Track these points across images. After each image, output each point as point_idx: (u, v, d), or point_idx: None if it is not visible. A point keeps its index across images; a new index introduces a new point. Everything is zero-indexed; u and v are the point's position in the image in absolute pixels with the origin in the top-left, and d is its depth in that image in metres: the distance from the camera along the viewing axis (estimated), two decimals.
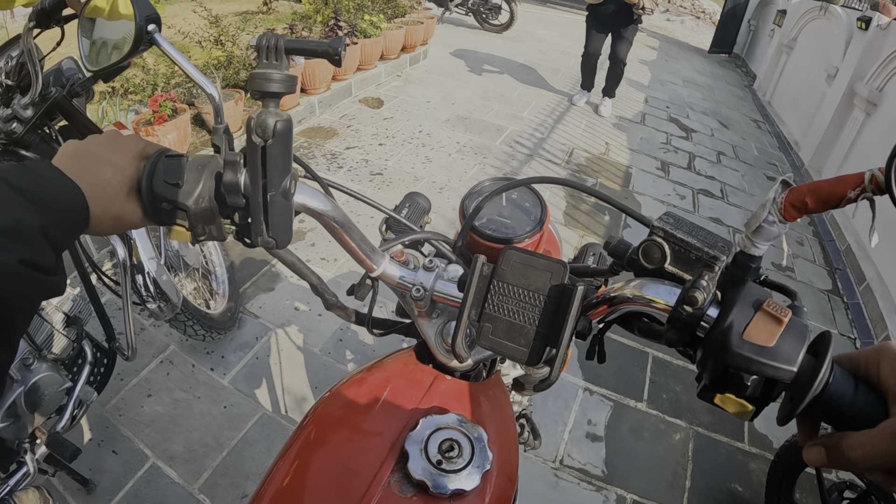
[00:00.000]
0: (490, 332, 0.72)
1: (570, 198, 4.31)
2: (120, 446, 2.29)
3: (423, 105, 5.73)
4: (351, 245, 0.81)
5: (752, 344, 0.56)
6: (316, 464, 0.80)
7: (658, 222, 0.69)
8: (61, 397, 1.89)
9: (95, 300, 1.98)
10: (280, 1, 7.64)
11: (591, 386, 2.69)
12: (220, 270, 2.79)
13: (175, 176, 0.67)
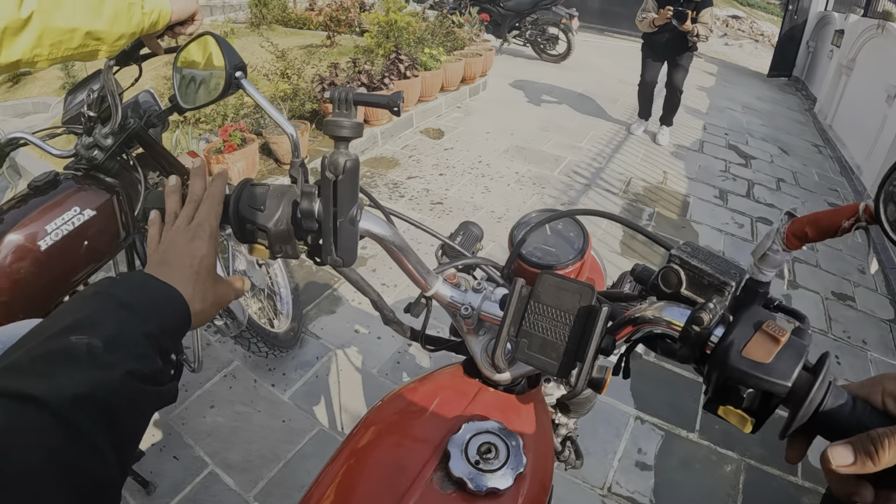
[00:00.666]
0: (526, 346, 0.79)
1: (628, 228, 4.30)
2: (181, 452, 2.41)
3: (482, 136, 5.82)
4: (408, 267, 0.90)
5: (750, 360, 0.61)
6: (367, 461, 0.88)
7: (675, 251, 0.76)
8: None
9: None
10: (343, 35, 7.88)
11: (642, 415, 2.66)
12: (285, 292, 2.90)
13: (258, 202, 0.78)
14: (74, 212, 1.74)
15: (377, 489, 0.82)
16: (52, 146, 1.91)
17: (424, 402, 0.94)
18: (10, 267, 1.63)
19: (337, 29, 7.85)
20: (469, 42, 7.10)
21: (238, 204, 0.79)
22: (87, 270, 1.84)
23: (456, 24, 7.15)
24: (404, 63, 5.50)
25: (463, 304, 0.93)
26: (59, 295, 1.80)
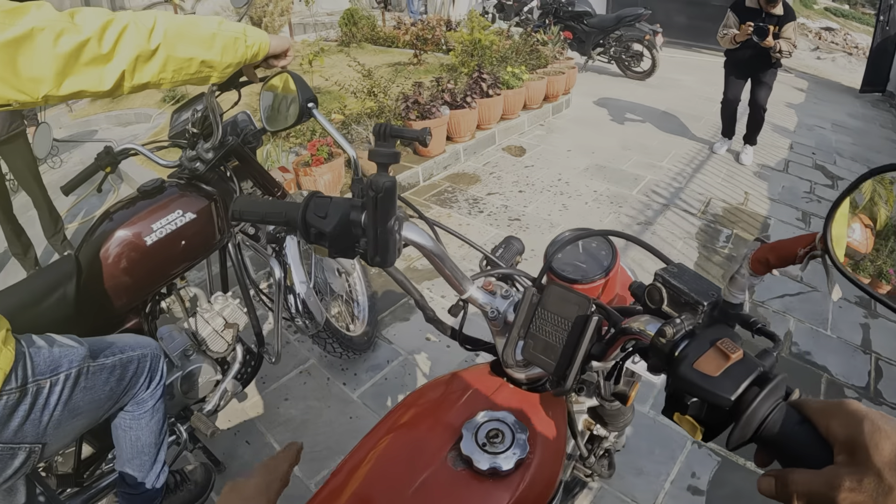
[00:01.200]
0: (531, 347, 0.93)
1: (704, 249, 4.30)
2: (253, 439, 2.64)
3: (563, 154, 5.89)
4: (445, 272, 1.04)
5: (699, 372, 0.68)
6: (393, 441, 1.02)
7: (661, 270, 0.86)
8: (211, 386, 2.25)
9: (251, 311, 2.35)
10: (430, 53, 8.10)
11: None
12: (363, 299, 3.11)
13: (321, 211, 0.93)
14: (177, 214, 1.97)
15: (400, 463, 0.96)
16: (159, 157, 2.17)
17: (451, 393, 1.08)
18: (120, 257, 1.88)
19: (423, 47, 8.07)
20: (552, 60, 7.18)
21: (306, 212, 0.94)
22: (183, 266, 2.09)
23: (540, 43, 7.24)
24: (486, 81, 5.65)
25: (491, 308, 1.05)
26: (157, 285, 2.06)
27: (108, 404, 1.61)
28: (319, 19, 12.29)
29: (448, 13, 11.19)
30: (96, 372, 1.53)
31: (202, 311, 2.23)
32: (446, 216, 4.39)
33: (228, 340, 2.27)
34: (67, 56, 1.15)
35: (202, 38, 1.40)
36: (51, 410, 1.40)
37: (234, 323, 2.27)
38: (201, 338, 2.20)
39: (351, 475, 1.00)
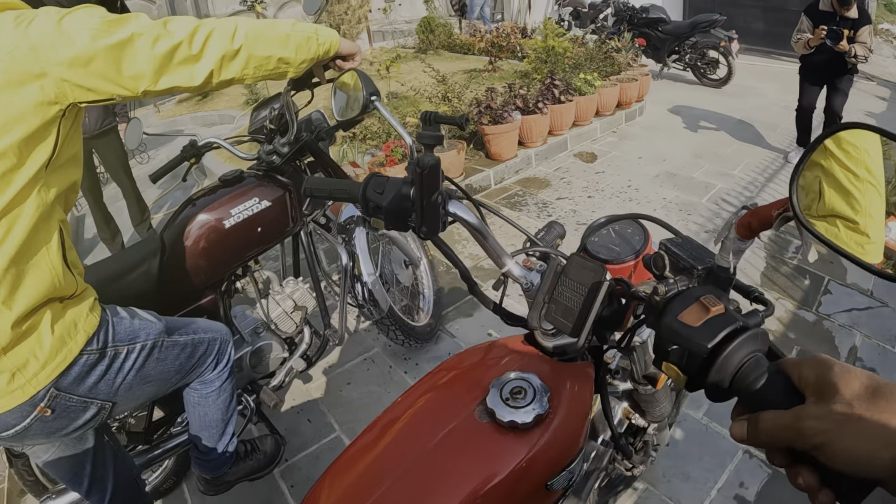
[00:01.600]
0: (553, 311, 1.03)
1: (772, 259, 4.23)
2: (315, 417, 2.81)
3: (634, 161, 5.88)
4: (487, 246, 1.15)
5: (681, 322, 0.75)
6: (427, 399, 1.14)
7: (665, 241, 0.97)
8: (278, 363, 2.42)
9: (320, 296, 2.51)
10: (504, 60, 8.19)
11: (752, 449, 2.56)
12: (429, 293, 3.25)
13: (379, 188, 1.06)
14: (254, 201, 2.14)
15: (430, 417, 1.08)
16: (239, 151, 2.35)
17: (486, 357, 1.19)
18: (200, 238, 2.06)
19: (498, 54, 8.18)
20: (626, 67, 7.17)
21: (366, 189, 1.07)
22: (257, 250, 2.25)
23: (614, 49, 7.25)
24: (558, 88, 5.71)
25: (527, 281, 1.15)
26: (233, 266, 2.23)
27: (176, 378, 1.76)
28: (398, 27, 12.56)
29: (524, 21, 11.27)
30: (169, 347, 1.68)
31: (274, 294, 2.40)
32: (515, 218, 4.47)
33: (296, 322, 2.43)
34: (163, 57, 1.34)
35: (278, 38, 1.56)
36: (124, 374, 1.54)
37: (302, 306, 2.43)
38: (271, 317, 2.37)
39: (384, 428, 1.13)
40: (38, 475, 2.29)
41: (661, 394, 1.50)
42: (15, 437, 1.41)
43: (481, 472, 0.98)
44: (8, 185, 1.22)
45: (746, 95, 8.48)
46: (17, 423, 1.38)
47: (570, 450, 1.09)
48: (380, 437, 1.13)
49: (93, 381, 1.47)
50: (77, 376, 1.43)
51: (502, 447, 1.00)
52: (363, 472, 1.07)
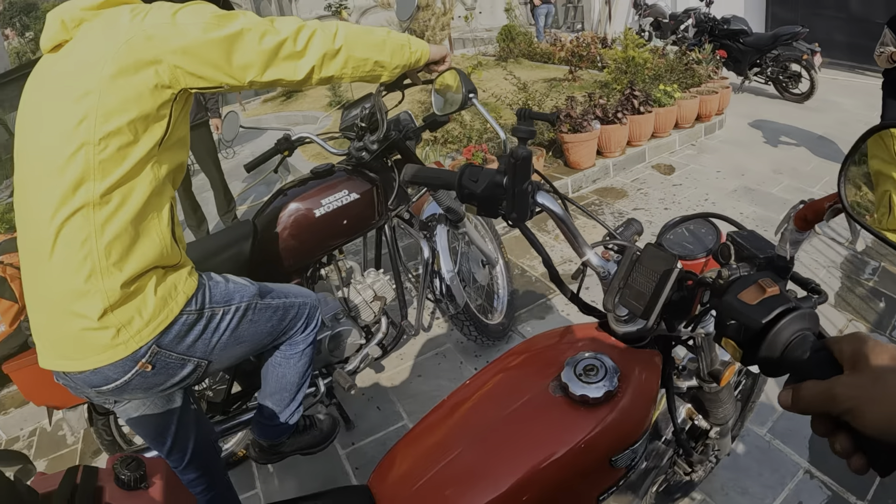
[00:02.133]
0: (627, 294, 1.11)
1: (848, 280, 4.13)
2: (384, 405, 2.93)
3: (712, 174, 5.79)
4: (569, 236, 1.23)
5: (740, 301, 0.84)
6: (504, 373, 1.25)
7: (732, 232, 1.04)
8: (354, 349, 2.53)
9: (399, 288, 2.63)
10: (584, 70, 8.19)
11: (813, 469, 2.50)
12: (503, 293, 3.33)
13: (474, 177, 1.18)
14: (343, 193, 2.27)
15: (505, 390, 1.18)
16: (329, 146, 2.49)
17: (561, 339, 1.28)
18: (291, 225, 2.21)
19: (578, 64, 8.18)
20: (706, 79, 7.07)
21: (462, 177, 1.18)
22: (343, 239, 2.38)
23: (695, 61, 7.17)
24: (638, 99, 5.69)
25: (604, 270, 1.23)
26: (319, 253, 2.36)
27: (268, 339, 1.86)
28: (478, 34, 12.72)
29: (604, 31, 11.23)
30: (262, 309, 1.78)
31: (355, 283, 2.52)
32: (592, 227, 4.51)
33: (375, 311, 2.54)
34: (269, 51, 1.47)
35: (375, 42, 1.68)
36: (220, 334, 1.65)
37: (382, 296, 2.54)
38: (352, 305, 2.49)
39: (459, 401, 1.24)
40: (115, 435, 2.47)
41: (724, 394, 1.54)
42: (115, 390, 1.51)
43: (552, 442, 1.07)
44: (125, 159, 1.35)
45: (828, 111, 8.21)
46: (119, 377, 1.48)
47: (635, 430, 1.16)
48: (455, 408, 1.24)
49: (191, 340, 1.58)
50: (177, 335, 1.53)
51: (573, 420, 1.08)
52: (438, 438, 1.18)
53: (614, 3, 11.97)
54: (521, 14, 12.22)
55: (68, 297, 1.38)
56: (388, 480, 1.18)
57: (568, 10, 13.34)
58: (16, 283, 1.96)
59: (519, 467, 1.06)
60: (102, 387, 1.50)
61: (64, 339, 1.45)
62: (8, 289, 1.95)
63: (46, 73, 1.42)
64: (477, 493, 1.05)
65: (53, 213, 1.33)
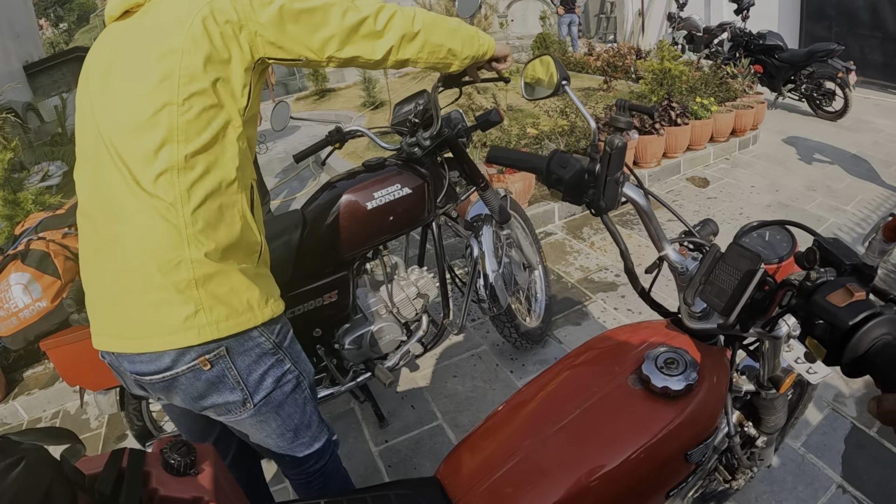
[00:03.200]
0: (708, 291, 1.12)
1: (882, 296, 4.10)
2: (418, 404, 2.94)
3: (746, 189, 5.76)
4: (650, 228, 1.28)
5: (829, 302, 0.90)
6: (579, 367, 1.28)
7: (818, 238, 1.07)
8: (394, 345, 2.54)
9: (443, 286, 2.63)
10: (619, 80, 8.17)
11: (846, 485, 2.50)
12: (542, 296, 3.35)
13: (563, 163, 1.23)
14: (396, 188, 2.27)
15: (584, 382, 1.20)
16: (380, 140, 2.49)
17: (635, 334, 1.29)
18: (342, 216, 2.21)
19: (613, 74, 8.17)
20: (741, 94, 7.03)
21: (550, 162, 1.23)
22: (392, 234, 2.38)
23: (730, 75, 7.13)
24: (675, 110, 5.67)
25: (682, 266, 1.26)
26: (367, 246, 2.36)
27: (283, 440, 1.64)
28: (510, 41, 12.72)
29: (637, 42, 11.21)
30: (306, 393, 1.63)
31: (399, 279, 2.52)
32: (626, 236, 4.49)
33: (417, 308, 2.55)
34: (350, 28, 1.46)
35: (449, 30, 1.68)
36: (276, 386, 1.51)
37: (425, 293, 2.55)
38: (395, 301, 2.49)
39: (535, 392, 1.25)
40: (146, 421, 2.49)
41: (780, 402, 1.54)
42: (162, 383, 1.39)
43: (634, 433, 1.08)
44: (209, 123, 1.30)
45: (862, 130, 8.12)
46: (175, 367, 1.36)
47: (709, 424, 1.18)
48: (527, 402, 1.25)
49: (256, 370, 1.45)
50: (246, 350, 1.42)
51: (654, 412, 1.10)
52: (513, 432, 1.18)
53: (647, 15, 11.97)
54: (555, 23, 12.21)
55: (148, 266, 1.29)
56: (461, 473, 1.18)
57: (600, 21, 13.32)
58: (59, 259, 1.94)
59: (601, 459, 1.07)
60: (152, 376, 1.38)
61: (130, 315, 1.34)
62: (51, 264, 1.93)
63: (118, 37, 1.37)
64: (560, 485, 1.06)
65: (134, 178, 1.27)
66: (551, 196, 1.36)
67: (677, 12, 10.73)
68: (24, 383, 4.03)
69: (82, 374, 2.05)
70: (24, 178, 5.02)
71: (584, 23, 12.36)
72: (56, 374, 3.97)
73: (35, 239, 2.06)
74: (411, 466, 2.62)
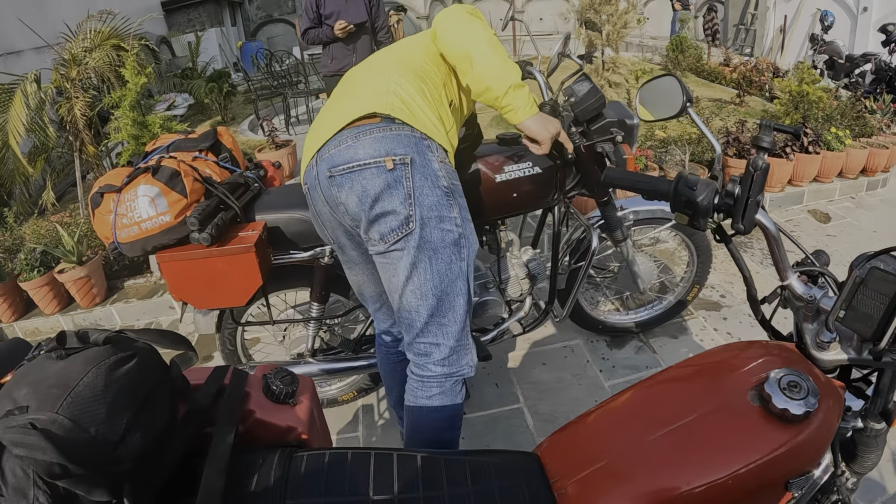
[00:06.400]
0: (850, 318, 1.09)
1: None
2: (502, 383, 2.95)
3: (868, 233, 5.43)
4: (776, 255, 1.26)
5: None
6: (699, 373, 1.26)
7: None
8: (494, 321, 2.52)
9: (553, 270, 2.59)
10: (754, 96, 7.84)
11: None
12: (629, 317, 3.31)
13: (691, 185, 1.19)
14: (527, 165, 2.23)
15: (701, 389, 1.19)
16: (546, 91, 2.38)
17: (760, 352, 1.24)
18: (470, 185, 2.17)
19: (748, 89, 7.83)
20: (877, 132, 6.62)
21: (679, 185, 1.19)
22: (513, 211, 2.35)
23: (868, 110, 6.74)
24: (808, 136, 5.42)
25: (808, 295, 1.23)
26: (490, 218, 2.35)
27: (430, 295, 1.73)
28: (643, 41, 12.43)
29: (775, 59, 10.74)
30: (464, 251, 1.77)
31: (511, 256, 2.49)
32: (720, 261, 4.38)
33: (524, 289, 2.52)
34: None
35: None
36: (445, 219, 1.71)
37: (534, 275, 2.51)
38: (502, 277, 2.47)
39: (648, 391, 1.25)
40: (237, 347, 2.59)
41: (881, 439, 1.45)
42: (348, 172, 1.61)
43: (742, 449, 1.06)
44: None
45: None
46: (363, 158, 1.60)
47: (817, 455, 1.16)
48: (642, 397, 1.25)
49: (427, 194, 1.64)
50: (426, 174, 1.64)
51: (767, 432, 1.07)
52: (623, 423, 1.19)
53: (789, 33, 11.43)
54: (692, 27, 11.85)
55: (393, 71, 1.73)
56: (564, 455, 1.19)
57: (738, 32, 12.80)
58: (188, 179, 2.03)
59: (707, 468, 1.05)
60: (342, 166, 1.61)
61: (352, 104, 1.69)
62: (180, 182, 2.02)
63: None
64: (659, 486, 1.05)
65: None
66: (677, 219, 1.29)
67: (821, 35, 10.25)
68: (123, 291, 4.24)
69: (190, 290, 2.12)
70: (152, 104, 5.23)
71: (723, 31, 11.90)
72: (155, 288, 4.16)
73: (167, 157, 2.12)
74: (482, 443, 2.62)
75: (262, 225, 2.11)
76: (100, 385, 0.86)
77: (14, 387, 0.85)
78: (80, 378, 0.85)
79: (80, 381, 0.85)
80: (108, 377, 0.88)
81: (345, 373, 2.52)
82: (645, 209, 2.71)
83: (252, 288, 2.08)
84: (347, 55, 4.80)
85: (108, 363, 0.89)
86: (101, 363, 0.88)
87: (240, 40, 12.93)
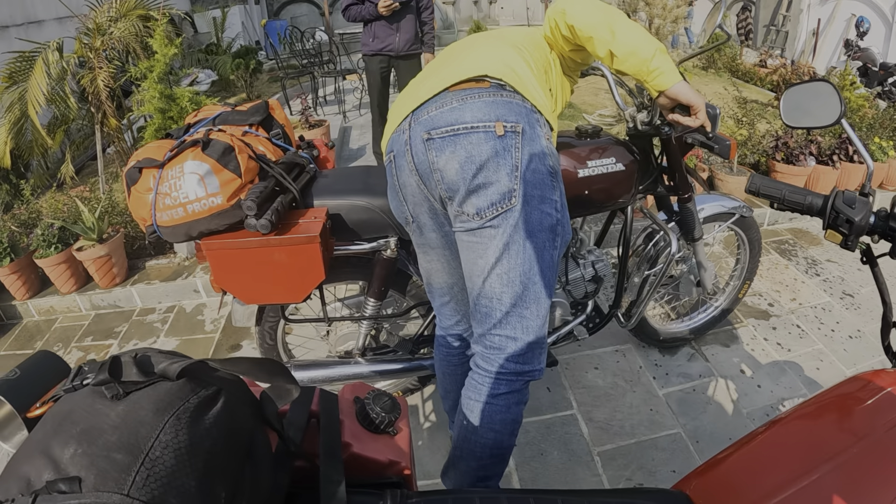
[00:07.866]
0: None
1: None
2: (555, 388, 2.82)
3: None
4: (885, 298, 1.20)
5: None
6: (853, 397, 1.14)
7: None
8: (558, 322, 2.38)
9: (621, 273, 2.43)
10: None
11: None
12: None
13: (850, 203, 1.16)
14: (611, 160, 2.06)
15: (863, 417, 1.07)
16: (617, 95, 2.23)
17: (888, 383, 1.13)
18: None
19: None
20: None
21: (835, 201, 1.15)
22: (593, 207, 2.16)
23: None
24: (854, 145, 5.24)
25: None
26: None
27: (517, 283, 1.58)
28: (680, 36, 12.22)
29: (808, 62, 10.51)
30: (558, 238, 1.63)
31: (578, 256, 2.33)
32: (783, 267, 4.20)
33: (589, 290, 2.36)
34: None
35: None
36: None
37: (600, 277, 2.35)
38: (568, 278, 2.31)
39: (803, 419, 1.14)
40: (277, 342, 2.39)
41: None
42: (451, 135, 1.48)
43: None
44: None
45: None
46: (471, 121, 1.47)
47: None
48: (795, 425, 1.13)
49: (533, 169, 1.51)
50: (535, 149, 1.51)
51: None
52: (783, 459, 1.05)
53: (822, 36, 11.21)
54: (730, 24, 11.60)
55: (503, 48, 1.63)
56: (719, 495, 1.04)
57: (769, 33, 12.56)
58: (242, 156, 1.74)
59: None
60: (445, 128, 1.48)
61: (457, 68, 1.58)
62: (234, 160, 1.73)
63: None
64: None
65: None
66: (828, 238, 1.16)
67: (856, 40, 10.04)
68: (144, 272, 4.08)
69: (239, 283, 1.86)
70: (177, 79, 5.05)
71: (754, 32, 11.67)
72: (178, 270, 4.00)
73: (215, 130, 1.86)
74: (537, 451, 2.49)
75: (324, 212, 1.87)
76: (183, 444, 0.63)
77: (55, 439, 0.61)
78: (156, 435, 0.62)
79: (155, 439, 0.62)
80: (192, 430, 0.65)
81: (397, 374, 2.34)
82: (710, 206, 2.57)
83: (313, 283, 1.84)
84: (391, 34, 4.58)
85: (190, 408, 0.66)
86: (179, 409, 0.65)
87: (263, 18, 12.70)
